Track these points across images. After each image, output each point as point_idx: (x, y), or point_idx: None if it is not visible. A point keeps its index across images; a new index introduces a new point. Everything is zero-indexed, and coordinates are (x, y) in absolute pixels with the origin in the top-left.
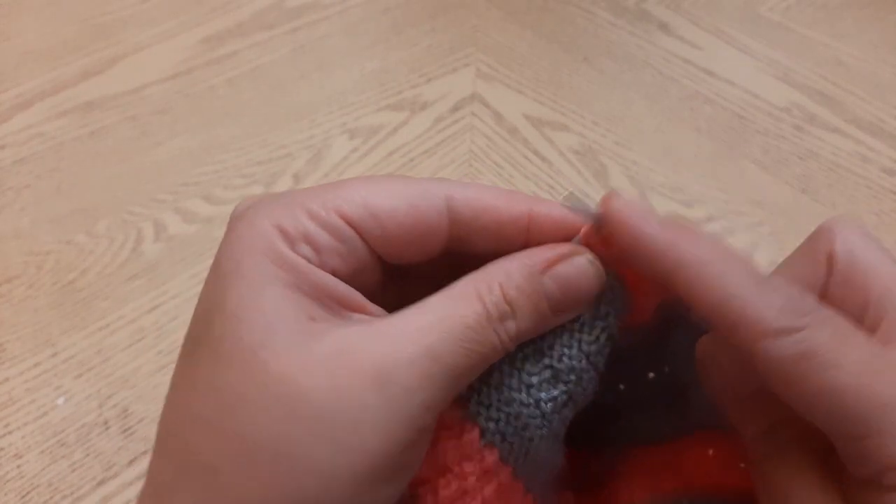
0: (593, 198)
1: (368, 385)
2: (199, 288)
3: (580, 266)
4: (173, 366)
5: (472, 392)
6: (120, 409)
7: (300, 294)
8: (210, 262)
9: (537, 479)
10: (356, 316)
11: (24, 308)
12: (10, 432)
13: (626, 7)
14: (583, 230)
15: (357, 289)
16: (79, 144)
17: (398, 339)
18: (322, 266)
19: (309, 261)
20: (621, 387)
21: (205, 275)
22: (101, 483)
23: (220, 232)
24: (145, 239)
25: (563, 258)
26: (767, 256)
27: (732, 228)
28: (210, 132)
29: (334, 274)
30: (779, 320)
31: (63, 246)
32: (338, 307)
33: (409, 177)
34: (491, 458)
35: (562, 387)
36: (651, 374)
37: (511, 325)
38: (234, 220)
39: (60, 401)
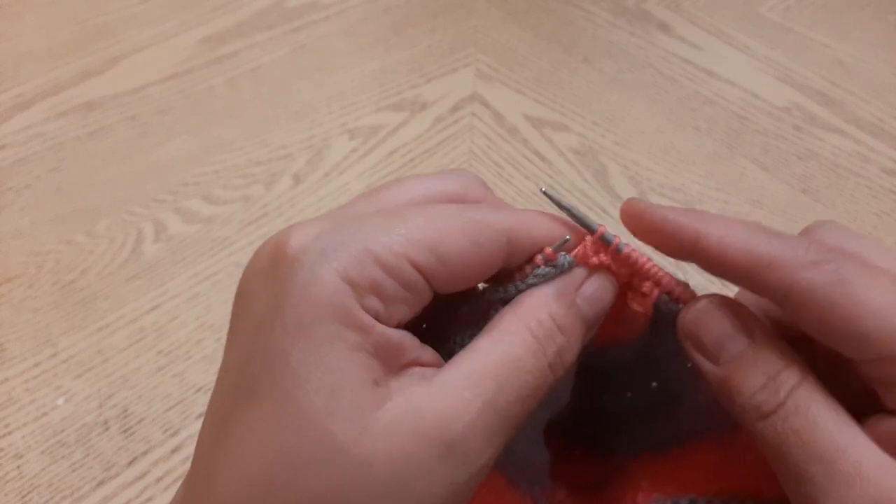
0: (592, 197)
1: (434, 453)
2: (199, 288)
3: (602, 282)
4: (173, 366)
5: None
6: (120, 410)
7: (364, 354)
8: (210, 262)
9: (523, 476)
10: (413, 370)
11: (24, 308)
12: (10, 432)
13: (626, 7)
14: (587, 242)
15: (412, 324)
16: (79, 144)
17: (458, 397)
18: (389, 316)
19: (376, 313)
20: (628, 394)
21: (204, 274)
22: (101, 483)
23: (220, 232)
24: (145, 239)
25: (586, 280)
26: None
27: None
28: (210, 132)
29: (399, 321)
30: (810, 255)
31: (63, 246)
32: (396, 361)
33: (468, 207)
34: None
35: None
36: (654, 384)
37: (568, 357)
38: (290, 262)
39: (60, 401)
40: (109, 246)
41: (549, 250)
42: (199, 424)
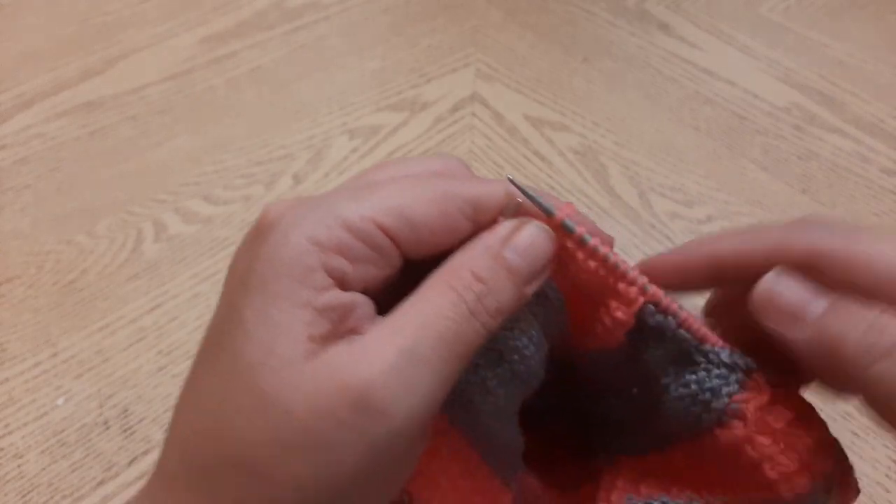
0: (592, 198)
1: (346, 403)
2: (200, 288)
3: (533, 232)
4: (173, 366)
5: None
6: (120, 409)
7: (310, 311)
8: (210, 262)
9: (498, 457)
10: (355, 335)
11: (24, 308)
12: (10, 432)
13: (626, 7)
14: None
15: (381, 288)
16: (79, 144)
17: (373, 348)
18: (356, 277)
19: (343, 273)
20: (610, 399)
21: (204, 275)
22: (101, 483)
23: (220, 232)
24: (145, 239)
25: (516, 231)
26: None
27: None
28: (210, 132)
29: (367, 281)
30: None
31: (63, 246)
32: (344, 324)
33: (435, 177)
34: (442, 423)
35: (506, 366)
36: (635, 390)
37: (490, 302)
38: (267, 228)
39: (60, 401)
40: (110, 246)
41: (500, 218)
42: None
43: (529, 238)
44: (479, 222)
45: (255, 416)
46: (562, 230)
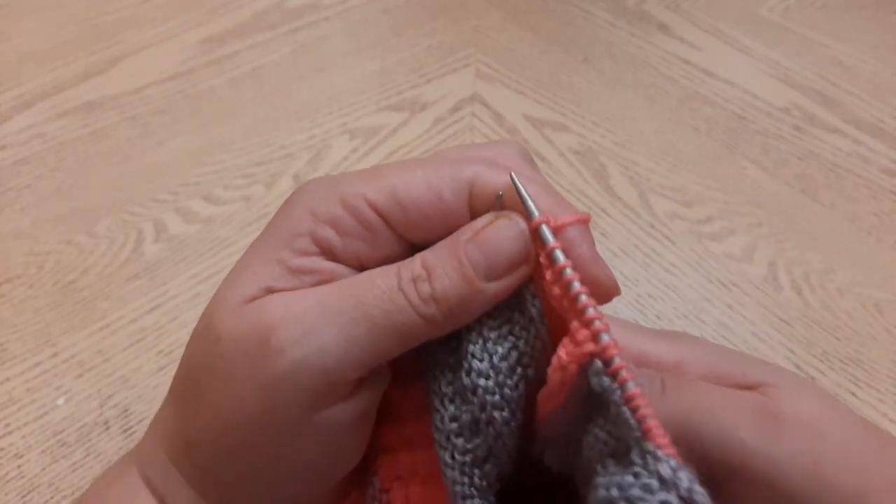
0: (592, 198)
1: (253, 342)
2: (200, 288)
3: (501, 229)
4: (174, 366)
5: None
6: (120, 409)
7: (280, 267)
8: (210, 262)
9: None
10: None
11: (24, 308)
12: (10, 432)
13: (626, 8)
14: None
15: (377, 264)
16: (79, 144)
17: (296, 301)
18: (344, 249)
19: (329, 244)
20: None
21: (205, 275)
22: None
23: (220, 232)
24: (146, 239)
25: (487, 225)
26: (767, 257)
27: (732, 228)
28: (210, 132)
29: (356, 254)
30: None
31: (63, 246)
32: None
33: (441, 160)
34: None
35: (459, 373)
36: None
37: (424, 287)
38: (285, 203)
39: (61, 401)
40: (110, 246)
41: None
42: None
43: (495, 234)
44: (476, 208)
45: (201, 343)
46: (536, 237)
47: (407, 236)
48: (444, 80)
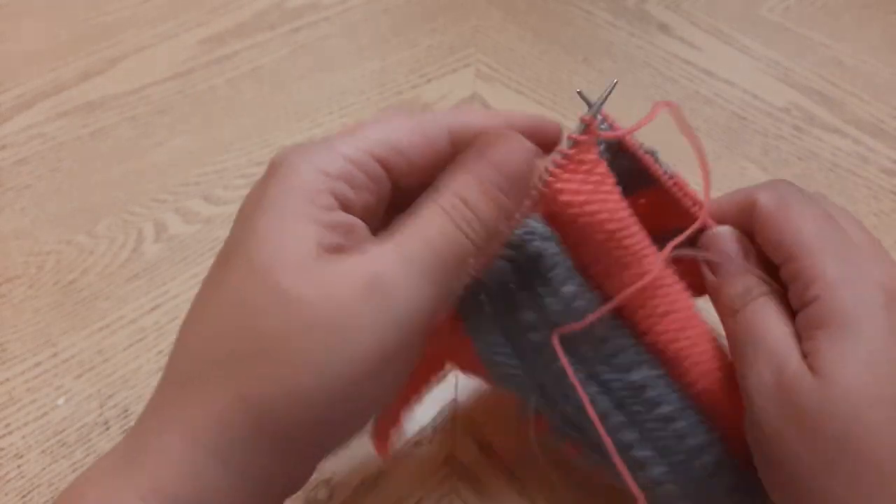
0: None
1: (358, 295)
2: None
3: (509, 148)
4: None
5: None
6: (120, 409)
7: (319, 226)
8: (210, 262)
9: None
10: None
11: (24, 308)
12: (10, 432)
13: (626, 7)
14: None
15: (374, 213)
16: (79, 144)
17: (381, 255)
18: (356, 201)
19: (345, 197)
20: None
21: (205, 275)
22: None
23: (220, 232)
24: (146, 239)
25: (491, 146)
26: None
27: None
28: (210, 132)
29: (365, 206)
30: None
31: (63, 246)
32: (350, 241)
33: (413, 112)
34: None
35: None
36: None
37: (476, 224)
38: (275, 165)
39: (61, 401)
40: (110, 246)
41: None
42: None
43: (504, 153)
44: (457, 147)
45: (274, 308)
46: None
47: (400, 182)
48: (444, 80)
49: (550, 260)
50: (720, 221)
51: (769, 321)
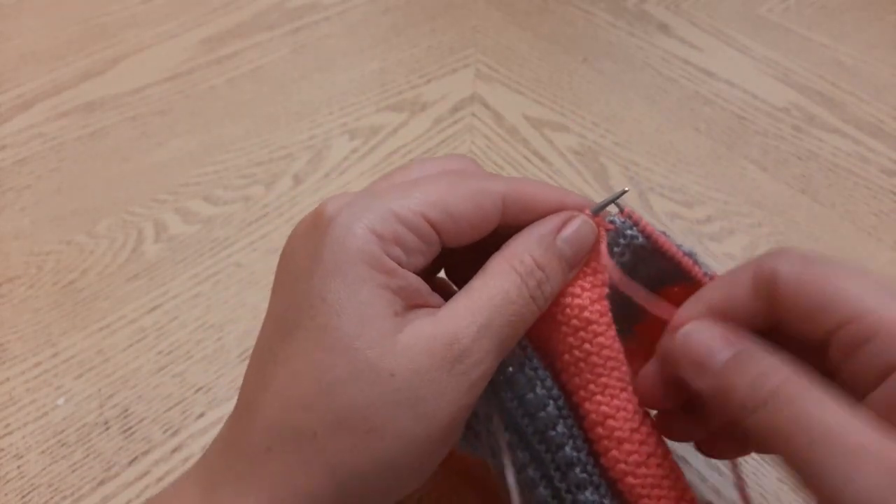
0: (592, 198)
1: (442, 366)
2: (200, 288)
3: (579, 226)
4: (173, 366)
5: None
6: (120, 410)
7: (388, 292)
8: (210, 262)
9: None
10: (423, 309)
11: (24, 308)
12: (10, 432)
13: (626, 8)
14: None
15: (423, 271)
16: (79, 145)
17: (459, 324)
18: (409, 263)
19: (399, 260)
20: None
21: (205, 275)
22: (101, 483)
23: (220, 232)
24: (146, 239)
25: (566, 223)
26: None
27: (732, 229)
28: (210, 132)
29: (416, 268)
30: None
31: (63, 246)
32: (412, 300)
33: (469, 175)
34: None
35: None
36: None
37: (547, 288)
38: (326, 221)
39: (61, 401)
40: (110, 246)
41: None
42: (199, 424)
43: (577, 231)
44: (507, 215)
45: (360, 382)
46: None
47: (448, 243)
48: (444, 80)
49: (516, 360)
50: (731, 306)
51: (824, 410)
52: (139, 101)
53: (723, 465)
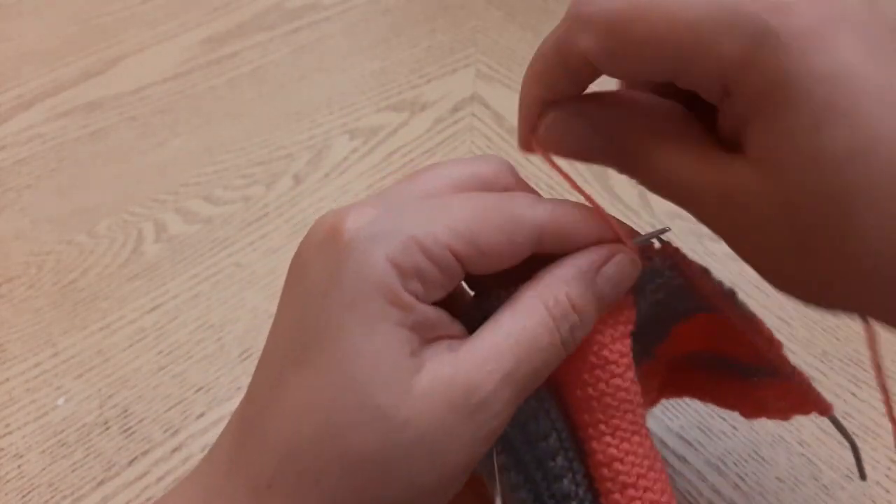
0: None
1: (460, 417)
2: (200, 288)
3: (623, 264)
4: (173, 366)
5: None
6: (120, 409)
7: (405, 329)
8: (210, 262)
9: None
10: (443, 342)
11: (24, 308)
12: (10, 432)
13: None
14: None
15: (442, 298)
16: (79, 145)
17: (481, 369)
18: (427, 296)
19: (417, 295)
20: None
21: (205, 275)
22: (101, 483)
23: (220, 232)
24: (146, 239)
25: (607, 259)
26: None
27: None
28: (210, 132)
29: (436, 300)
30: None
31: (63, 246)
32: (430, 334)
33: (506, 200)
34: None
35: None
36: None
37: (579, 334)
38: (345, 244)
39: (61, 401)
40: (110, 246)
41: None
42: (199, 424)
43: (620, 269)
44: (542, 247)
45: (372, 427)
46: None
47: (473, 273)
48: (444, 80)
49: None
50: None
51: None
52: (139, 101)
53: (723, 464)
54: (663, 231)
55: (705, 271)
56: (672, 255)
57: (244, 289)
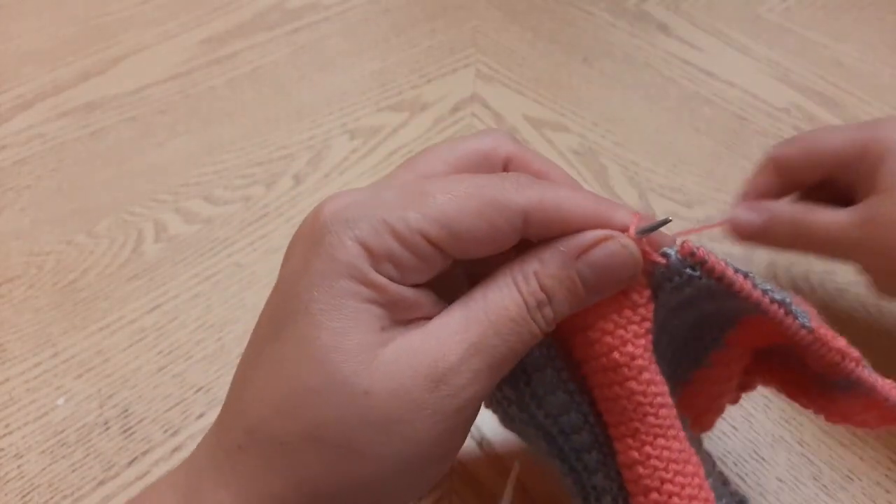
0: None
1: (423, 386)
2: (200, 288)
3: (613, 250)
4: (173, 366)
5: None
6: (120, 409)
7: (375, 307)
8: (210, 262)
9: None
10: (416, 323)
11: (24, 308)
12: (10, 432)
13: (626, 8)
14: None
15: (431, 284)
16: (79, 145)
17: (448, 339)
18: (404, 279)
19: (391, 278)
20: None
21: (205, 275)
22: (101, 483)
23: (220, 232)
24: (146, 239)
25: (597, 243)
26: (766, 256)
27: None
28: (210, 132)
29: (417, 282)
30: None
31: (63, 246)
32: (409, 314)
33: (490, 183)
34: None
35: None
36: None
37: (548, 312)
38: (321, 227)
39: (61, 401)
40: (110, 246)
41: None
42: (199, 424)
43: (608, 256)
44: (531, 232)
45: (334, 397)
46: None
47: (460, 258)
48: (444, 80)
49: (537, 363)
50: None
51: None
52: (139, 101)
53: (723, 464)
54: (665, 222)
55: (746, 276)
56: (694, 255)
57: (244, 289)
